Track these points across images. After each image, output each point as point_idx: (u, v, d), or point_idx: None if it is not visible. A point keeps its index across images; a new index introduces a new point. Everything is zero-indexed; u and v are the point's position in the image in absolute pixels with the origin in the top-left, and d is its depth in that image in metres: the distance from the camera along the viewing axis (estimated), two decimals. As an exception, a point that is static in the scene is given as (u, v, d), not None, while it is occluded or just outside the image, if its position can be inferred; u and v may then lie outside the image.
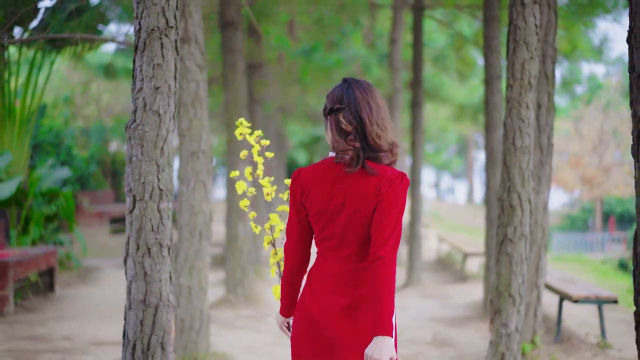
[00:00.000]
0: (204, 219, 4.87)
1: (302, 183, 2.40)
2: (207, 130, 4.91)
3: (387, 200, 2.31)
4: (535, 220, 5.43)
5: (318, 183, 2.37)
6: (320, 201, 2.35)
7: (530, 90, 3.92)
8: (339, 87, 2.39)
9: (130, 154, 3.01)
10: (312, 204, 2.37)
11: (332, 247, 2.37)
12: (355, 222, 2.33)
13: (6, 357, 5.37)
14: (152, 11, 2.98)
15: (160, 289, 3.01)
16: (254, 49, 9.10)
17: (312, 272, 2.44)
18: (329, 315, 2.32)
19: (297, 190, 2.41)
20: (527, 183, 3.99)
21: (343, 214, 2.33)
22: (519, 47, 3.89)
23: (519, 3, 3.89)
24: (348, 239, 2.35)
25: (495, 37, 7.02)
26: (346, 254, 2.35)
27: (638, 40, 2.30)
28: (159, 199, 3.00)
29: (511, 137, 3.97)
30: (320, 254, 2.42)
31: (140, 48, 3.01)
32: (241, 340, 6.09)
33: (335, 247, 2.37)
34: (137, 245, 2.99)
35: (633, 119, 2.35)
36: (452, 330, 6.52)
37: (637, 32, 2.31)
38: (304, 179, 2.40)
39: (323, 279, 2.37)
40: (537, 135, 5.30)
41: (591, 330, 6.41)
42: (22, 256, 7.19)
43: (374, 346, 2.19)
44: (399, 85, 10.27)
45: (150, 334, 3.00)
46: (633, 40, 2.32)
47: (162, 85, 3.00)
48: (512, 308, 4.01)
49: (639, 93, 2.30)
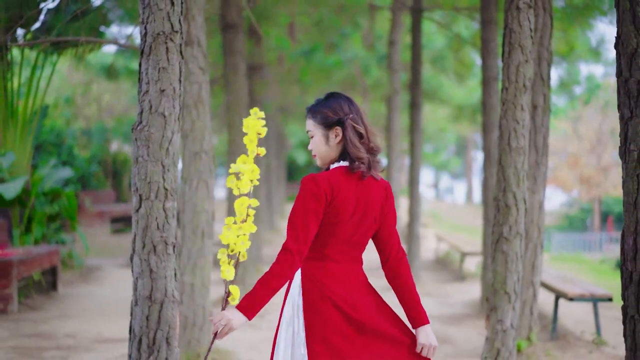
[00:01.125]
0: (206, 218, 4.97)
1: (327, 189, 2.42)
2: (209, 131, 5.00)
3: (392, 203, 2.55)
4: (532, 219, 5.53)
5: (342, 190, 2.44)
6: (349, 208, 2.44)
7: (525, 92, 4.02)
8: (334, 99, 2.51)
9: (136, 154, 3.09)
10: (339, 211, 2.42)
11: (345, 250, 2.49)
12: (370, 226, 2.50)
13: (12, 353, 5.46)
14: (157, 16, 3.07)
15: (165, 286, 3.10)
16: (254, 51, 9.21)
17: (324, 275, 2.47)
18: (369, 312, 2.46)
19: (322, 197, 2.41)
20: (522, 183, 4.08)
21: (366, 219, 2.48)
22: (514, 50, 3.99)
23: (514, 7, 3.98)
24: (361, 242, 2.53)
25: (492, 40, 7.11)
26: (356, 256, 2.52)
27: (625, 47, 2.40)
28: (164, 198, 3.08)
29: (506, 138, 4.06)
30: (328, 257, 2.48)
31: (146, 52, 3.09)
32: (243, 338, 6.19)
33: (348, 250, 2.50)
34: (143, 243, 3.08)
35: (620, 121, 2.45)
36: (450, 328, 6.62)
37: (624, 39, 2.41)
38: (329, 186, 2.42)
39: (347, 281, 2.48)
40: (532, 136, 5.40)
41: (587, 328, 6.51)
42: (26, 255, 7.28)
43: (427, 335, 2.46)
44: (398, 87, 10.37)
45: (155, 329, 3.09)
46: (620, 46, 2.42)
47: (168, 87, 3.08)
48: (507, 305, 4.11)
49: (626, 97, 2.41)
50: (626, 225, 2.45)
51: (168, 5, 3.08)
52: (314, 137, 2.51)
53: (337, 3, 9.62)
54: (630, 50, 2.40)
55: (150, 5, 3.08)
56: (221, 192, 36.09)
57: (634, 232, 2.42)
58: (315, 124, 2.50)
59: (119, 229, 15.04)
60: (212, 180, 5.04)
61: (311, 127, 2.51)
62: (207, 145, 4.98)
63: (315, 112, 2.50)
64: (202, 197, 4.95)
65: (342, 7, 9.75)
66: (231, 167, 2.56)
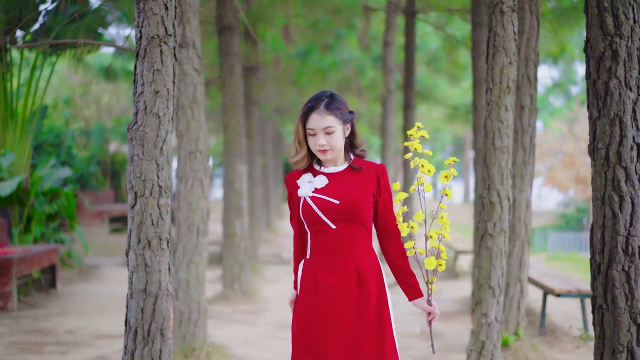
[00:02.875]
0: (201, 216, 5.10)
1: None
2: (204, 131, 5.14)
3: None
4: (519, 217, 5.67)
5: None
6: None
7: (509, 93, 4.15)
8: (339, 97, 2.68)
9: (131, 153, 3.22)
10: None
11: None
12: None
13: (12, 349, 5.59)
14: (152, 20, 3.20)
15: (160, 279, 3.23)
16: (250, 52, 9.33)
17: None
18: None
19: None
20: (506, 181, 4.22)
21: None
22: (498, 52, 4.12)
23: (498, 11, 4.11)
24: None
25: (483, 41, 7.22)
26: None
27: (593, 50, 2.54)
28: (158, 195, 3.21)
29: (491, 138, 4.20)
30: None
31: (141, 54, 3.22)
32: (238, 334, 6.32)
33: None
34: (138, 238, 3.21)
35: (589, 121, 2.59)
36: (441, 324, 6.75)
37: (593, 43, 2.54)
38: None
39: None
40: (520, 136, 5.54)
41: (575, 323, 6.65)
42: (25, 253, 7.40)
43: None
44: (392, 87, 10.51)
45: (150, 321, 3.22)
46: (589, 50, 2.56)
47: (162, 89, 3.21)
48: (492, 299, 4.25)
49: (594, 97, 2.54)
50: (594, 220, 2.59)
51: (162, 9, 3.21)
52: (335, 133, 2.61)
53: (332, 5, 9.75)
54: (598, 53, 2.53)
55: (145, 9, 3.21)
56: (218, 192, 36.19)
57: (601, 226, 2.56)
58: (337, 119, 2.61)
59: (118, 229, 15.18)
60: (207, 178, 5.17)
61: (333, 123, 2.60)
62: (202, 144, 5.12)
63: (335, 108, 2.62)
64: (197, 195, 5.09)
65: (337, 8, 9.88)
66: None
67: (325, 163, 2.69)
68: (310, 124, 2.61)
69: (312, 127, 2.61)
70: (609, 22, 2.49)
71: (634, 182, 2.51)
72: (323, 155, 2.64)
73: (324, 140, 2.60)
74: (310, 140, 2.64)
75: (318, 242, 2.62)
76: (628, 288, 2.53)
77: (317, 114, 2.60)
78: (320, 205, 2.59)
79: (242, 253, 8.10)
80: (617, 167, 2.52)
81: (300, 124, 2.65)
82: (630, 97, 2.50)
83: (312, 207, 2.60)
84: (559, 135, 25.93)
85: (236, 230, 8.03)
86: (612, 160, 2.52)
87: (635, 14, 2.49)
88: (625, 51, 2.48)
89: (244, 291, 8.14)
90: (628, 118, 2.50)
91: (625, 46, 2.48)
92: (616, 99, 2.50)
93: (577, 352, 5.67)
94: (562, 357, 5.49)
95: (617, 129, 2.50)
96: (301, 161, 2.68)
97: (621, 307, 2.53)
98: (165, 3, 3.21)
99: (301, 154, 2.67)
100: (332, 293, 2.57)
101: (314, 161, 2.73)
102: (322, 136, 2.60)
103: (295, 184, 2.69)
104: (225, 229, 8.13)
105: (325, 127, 2.60)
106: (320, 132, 2.60)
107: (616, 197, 2.52)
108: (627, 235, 2.52)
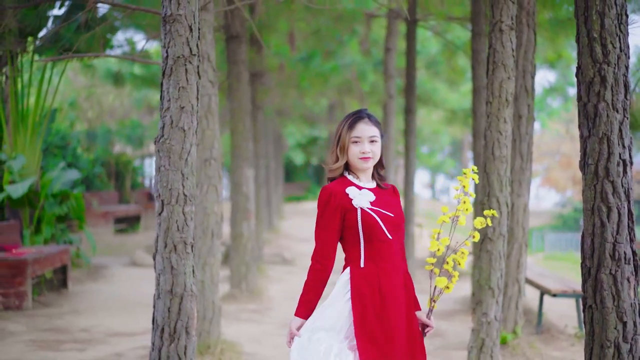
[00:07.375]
0: (215, 220, 5.37)
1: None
2: (218, 139, 5.40)
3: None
4: (517, 220, 5.95)
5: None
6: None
7: (507, 106, 4.42)
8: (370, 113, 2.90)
9: (158, 164, 3.48)
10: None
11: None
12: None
13: (32, 346, 5.85)
14: (177, 41, 3.45)
15: (185, 281, 3.48)
16: (255, 59, 9.59)
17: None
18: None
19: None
20: (504, 188, 4.49)
21: None
22: (497, 68, 4.39)
23: (497, 29, 4.38)
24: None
25: (482, 50, 7.49)
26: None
27: (584, 76, 2.82)
28: (183, 203, 3.47)
29: (491, 148, 4.47)
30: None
31: (167, 73, 3.48)
32: (246, 331, 6.59)
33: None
34: (165, 243, 3.46)
35: (580, 139, 2.86)
36: (441, 323, 7.02)
37: (584, 69, 2.82)
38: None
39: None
40: (518, 144, 5.82)
41: (570, 322, 6.92)
42: (39, 254, 7.64)
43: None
44: (393, 92, 10.77)
45: (176, 320, 3.47)
46: (580, 75, 2.84)
47: (187, 105, 3.47)
48: (491, 299, 4.52)
49: (585, 118, 2.82)
50: (585, 228, 2.86)
51: (187, 31, 3.46)
52: (377, 143, 2.81)
53: (335, 12, 10.01)
54: (588, 79, 2.81)
55: (172, 31, 3.46)
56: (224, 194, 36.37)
57: (591, 234, 2.84)
58: (379, 132, 2.84)
59: (122, 229, 15.43)
60: (221, 184, 5.44)
61: (377, 133, 2.82)
62: (216, 152, 5.38)
63: (377, 122, 2.86)
64: (211, 201, 5.35)
65: (340, 16, 10.12)
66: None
67: (361, 177, 2.83)
68: (357, 132, 2.77)
69: (359, 135, 2.77)
70: (597, 51, 2.77)
71: (620, 194, 2.78)
72: (364, 163, 2.78)
73: (368, 148, 2.78)
74: (352, 148, 2.78)
75: (376, 251, 2.73)
76: (615, 290, 2.81)
77: (364, 123, 2.79)
78: (380, 217, 2.75)
79: (248, 254, 8.36)
80: (605, 181, 2.80)
81: (347, 132, 2.79)
82: (617, 118, 2.77)
83: (374, 217, 2.72)
84: (556, 135, 26.21)
85: (243, 231, 8.29)
86: (601, 174, 2.80)
87: (621, 43, 2.76)
88: (612, 77, 2.76)
89: (251, 290, 8.40)
90: (615, 137, 2.78)
91: (612, 72, 2.76)
92: (604, 120, 2.78)
93: (571, 350, 5.93)
94: (557, 354, 5.76)
95: (605, 147, 2.78)
96: (338, 169, 2.83)
97: (609, 307, 2.81)
98: (190, 25, 3.46)
99: (342, 161, 2.80)
100: (396, 297, 2.75)
101: (344, 173, 2.87)
102: (367, 144, 2.78)
103: (345, 194, 2.76)
104: (232, 231, 8.39)
105: (370, 135, 2.78)
106: (365, 140, 2.77)
107: (604, 208, 2.80)
108: (614, 242, 2.80)
